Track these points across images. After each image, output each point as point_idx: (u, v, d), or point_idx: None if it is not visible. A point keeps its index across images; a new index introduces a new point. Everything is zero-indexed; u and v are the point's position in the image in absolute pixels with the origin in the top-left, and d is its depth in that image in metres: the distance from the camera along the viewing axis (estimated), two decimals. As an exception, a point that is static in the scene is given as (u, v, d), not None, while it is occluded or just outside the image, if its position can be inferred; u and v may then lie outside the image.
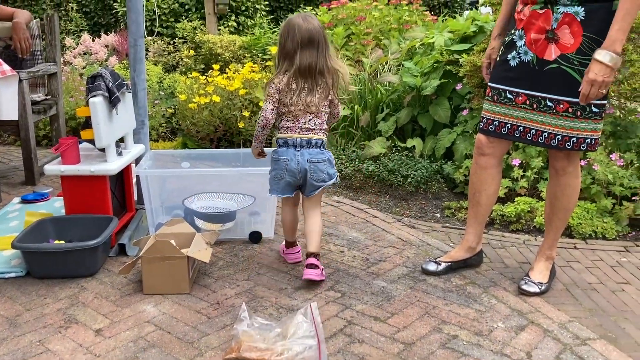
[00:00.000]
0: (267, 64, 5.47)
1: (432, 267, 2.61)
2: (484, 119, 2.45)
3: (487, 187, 2.51)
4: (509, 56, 2.33)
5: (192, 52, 6.30)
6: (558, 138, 2.28)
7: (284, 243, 2.76)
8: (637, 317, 2.31)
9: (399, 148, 4.08)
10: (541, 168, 3.41)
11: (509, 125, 2.37)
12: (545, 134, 2.30)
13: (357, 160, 4.02)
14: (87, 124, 2.76)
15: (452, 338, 2.12)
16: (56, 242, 2.67)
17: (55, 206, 3.36)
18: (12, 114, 3.59)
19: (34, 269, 2.52)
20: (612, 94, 3.38)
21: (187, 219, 2.90)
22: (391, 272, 2.63)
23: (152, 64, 6.22)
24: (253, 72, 4.92)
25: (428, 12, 6.57)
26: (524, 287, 2.45)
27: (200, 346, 2.04)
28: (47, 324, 2.18)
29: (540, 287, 2.45)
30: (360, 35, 5.46)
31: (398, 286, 2.50)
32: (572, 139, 2.26)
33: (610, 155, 3.23)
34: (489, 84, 2.44)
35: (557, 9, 2.17)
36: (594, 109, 2.21)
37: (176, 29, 6.92)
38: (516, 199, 3.32)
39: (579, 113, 2.22)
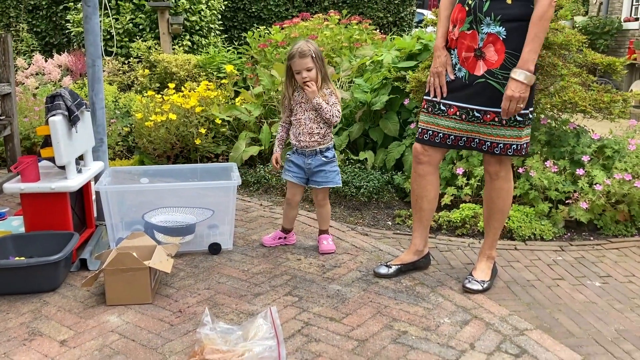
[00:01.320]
0: (222, 81, 5.59)
1: (383, 270, 2.77)
2: (420, 129, 2.63)
3: (427, 194, 2.69)
4: (446, 73, 2.55)
5: (147, 71, 6.36)
6: (487, 144, 2.50)
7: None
8: (569, 309, 2.53)
9: (352, 160, 4.25)
10: (483, 177, 3.63)
11: (441, 134, 2.56)
12: (476, 140, 2.51)
13: (311, 173, 4.17)
14: (46, 142, 2.82)
15: (402, 334, 2.27)
16: (17, 259, 2.71)
17: (13, 225, 3.38)
18: (-33, 135, 3.59)
19: (-4, 286, 2.55)
20: (547, 106, 3.65)
21: (148, 233, 2.99)
22: (346, 277, 2.78)
23: (107, 83, 6.25)
24: (209, 89, 5.03)
25: (378, 30, 6.83)
26: (468, 285, 2.63)
27: (164, 351, 2.13)
28: (10, 337, 2.23)
29: (482, 284, 2.64)
30: (312, 54, 5.64)
31: (352, 289, 2.65)
32: (499, 145, 2.47)
33: (546, 162, 3.48)
34: (425, 97, 2.64)
35: (482, 29, 2.40)
36: (518, 118, 2.44)
37: (131, 49, 6.98)
38: (461, 205, 3.53)
39: (504, 122, 2.44)
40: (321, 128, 2.95)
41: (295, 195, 3.08)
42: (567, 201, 3.46)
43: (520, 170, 3.55)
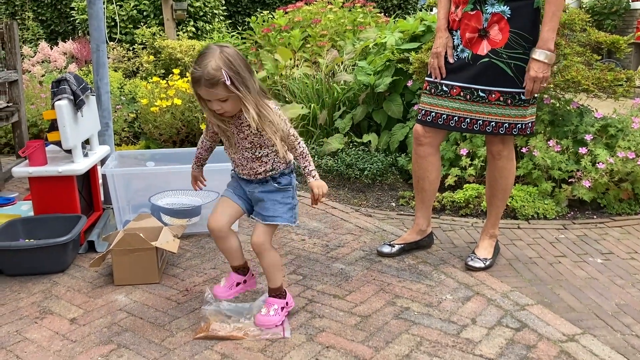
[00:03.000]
0: (226, 67, 5.60)
1: (386, 249, 2.80)
2: (422, 111, 2.61)
3: (428, 175, 2.69)
4: (447, 55, 2.52)
5: (151, 57, 6.39)
6: (492, 124, 2.49)
7: None
8: (570, 285, 2.55)
9: (355, 143, 4.28)
10: (487, 157, 3.65)
11: (444, 115, 2.54)
12: (480, 121, 2.49)
13: (316, 156, 4.21)
14: (53, 126, 2.86)
15: (405, 310, 2.31)
16: (26, 241, 2.76)
17: (22, 209, 3.43)
18: (-25, 121, 3.65)
19: (6, 267, 2.61)
20: (550, 86, 3.65)
21: (154, 215, 3.03)
22: (349, 256, 2.82)
23: (112, 70, 6.29)
24: (213, 75, 5.05)
25: (382, 13, 6.81)
26: (470, 262, 2.67)
27: (171, 328, 2.18)
28: (22, 315, 2.28)
29: (485, 262, 2.67)
30: (316, 37, 5.66)
31: (355, 267, 2.69)
32: (504, 125, 2.48)
33: (549, 142, 3.49)
34: (426, 78, 2.61)
35: (486, 9, 2.40)
36: (522, 97, 2.44)
37: (135, 35, 7.00)
38: (465, 186, 3.55)
39: (509, 101, 2.44)
40: (267, 162, 2.09)
41: (222, 217, 2.16)
42: (570, 180, 3.47)
43: (524, 149, 3.56)
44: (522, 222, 3.30)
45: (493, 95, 2.45)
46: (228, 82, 1.89)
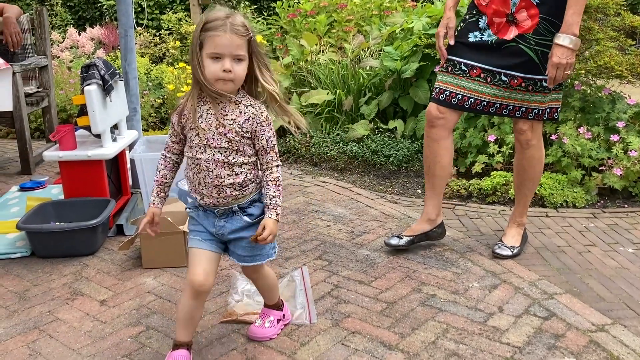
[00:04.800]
0: (252, 52, 5.60)
1: (394, 241, 2.66)
2: (437, 89, 2.51)
3: (440, 159, 2.57)
4: (470, 35, 2.44)
5: (178, 43, 6.42)
6: (509, 108, 2.45)
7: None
8: (600, 274, 2.51)
9: (381, 130, 4.25)
10: (514, 144, 3.59)
11: (459, 96, 2.45)
12: (497, 105, 2.44)
13: (341, 142, 4.20)
14: (82, 111, 2.90)
15: (431, 297, 2.30)
16: (57, 224, 2.81)
17: (53, 192, 3.50)
18: (6, 106, 3.71)
19: (38, 249, 2.66)
20: (581, 72, 3.57)
21: (181, 200, 3.06)
22: (374, 242, 2.81)
23: (139, 55, 6.34)
24: (239, 60, 5.05)
25: (408, -2, 6.72)
26: (497, 250, 2.64)
27: (198, 311, 2.20)
28: (54, 296, 2.33)
29: (512, 250, 2.64)
30: (342, 22, 5.61)
31: (381, 254, 2.68)
32: (521, 109, 2.45)
33: (579, 129, 3.42)
34: (447, 56, 2.51)
35: None
36: (544, 84, 2.39)
37: (161, 21, 7.03)
38: (492, 173, 3.51)
39: (530, 87, 2.40)
40: (239, 174, 1.73)
41: (208, 274, 1.76)
42: (600, 168, 3.40)
43: (553, 137, 3.50)
44: (550, 210, 3.25)
45: (515, 81, 2.39)
46: (252, 37, 1.66)
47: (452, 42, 2.49)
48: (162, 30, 6.90)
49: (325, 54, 5.01)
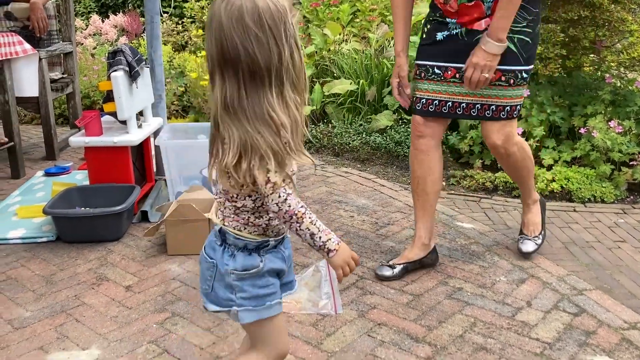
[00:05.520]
0: (274, 41, 5.57)
1: (387, 272, 2.35)
2: (414, 98, 2.33)
3: (431, 173, 2.36)
4: (438, 34, 2.22)
5: (200, 31, 6.41)
6: (492, 108, 2.21)
7: None
8: (631, 271, 2.46)
9: (405, 120, 4.20)
10: (543, 137, 3.54)
11: (436, 101, 2.26)
12: (478, 105, 2.22)
13: (364, 133, 4.16)
14: (108, 97, 2.90)
15: (457, 290, 2.27)
16: (83, 209, 2.82)
17: (77, 178, 3.52)
18: (32, 91, 3.74)
19: (64, 234, 2.68)
20: (612, 64, 3.50)
21: (206, 187, 3.06)
22: (399, 234, 2.79)
23: (161, 43, 6.34)
24: (262, 49, 5.02)
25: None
26: (522, 246, 2.53)
27: (223, 299, 2.20)
28: (80, 281, 2.34)
29: (536, 241, 2.54)
30: (365, 12, 5.56)
31: (406, 246, 2.65)
32: (506, 108, 2.21)
33: (609, 123, 3.35)
34: (417, 62, 2.30)
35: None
36: (524, 75, 2.18)
37: (184, 9, 7.03)
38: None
39: (512, 81, 2.17)
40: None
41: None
42: (631, 163, 3.33)
43: (582, 130, 3.43)
44: (577, 205, 3.19)
45: (494, 75, 2.13)
46: None
47: (407, 91, 2.33)
48: (185, 18, 6.90)
49: (349, 44, 4.96)
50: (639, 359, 1.86)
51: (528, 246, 2.53)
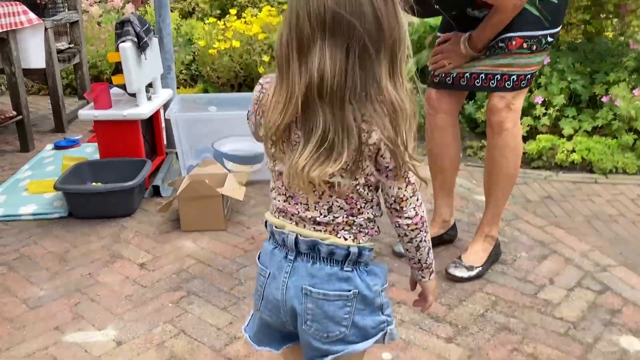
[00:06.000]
0: (283, 7, 5.44)
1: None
2: (431, 71, 2.17)
3: (448, 151, 2.24)
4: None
5: (208, -3, 6.26)
6: (497, 77, 2.01)
7: None
8: (656, 246, 2.40)
9: (419, 90, 4.10)
10: (563, 105, 3.43)
11: (454, 74, 2.08)
12: (482, 75, 2.02)
13: (378, 102, 4.07)
14: (117, 69, 2.82)
15: (478, 267, 2.22)
16: (93, 184, 2.78)
17: (87, 151, 3.47)
18: (39, 62, 3.66)
19: (76, 210, 2.64)
20: (637, 29, 3.36)
21: (217, 161, 3.01)
22: (416, 208, 2.72)
23: (169, 12, 6.21)
24: (271, 15, 4.90)
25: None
26: (450, 270, 2.15)
27: (239, 276, 2.16)
28: (94, 259, 2.31)
29: (470, 271, 2.14)
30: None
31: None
32: (512, 77, 1.99)
33: (633, 91, 3.24)
34: (439, 33, 2.16)
35: None
36: (549, 39, 1.97)
37: (191, -26, 6.85)
38: (538, 136, 3.36)
39: (534, 47, 1.96)
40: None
41: None
42: (654, 133, 3.23)
43: (604, 98, 3.32)
44: (599, 177, 3.11)
45: (514, 43, 1.94)
46: None
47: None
48: (192, -17, 6.74)
49: None
50: (667, 339, 1.81)
51: (457, 271, 2.14)
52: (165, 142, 3.34)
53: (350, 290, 1.05)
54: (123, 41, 2.70)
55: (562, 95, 3.42)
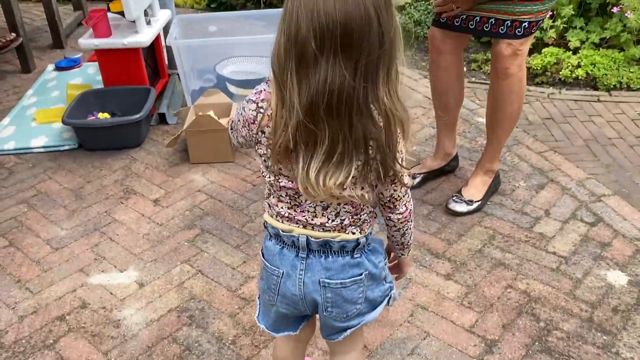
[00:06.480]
0: None
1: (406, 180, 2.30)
2: (437, 8, 2.10)
3: (452, 88, 2.24)
4: None
5: None
6: (507, 24, 1.95)
7: None
8: (651, 172, 2.47)
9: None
10: (571, 16, 3.35)
11: (463, 16, 2.03)
12: (492, 20, 1.97)
13: (381, 10, 3.95)
14: (114, -5, 2.75)
15: (477, 198, 2.31)
16: (99, 114, 2.81)
17: (89, 72, 3.45)
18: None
19: (86, 143, 2.70)
20: None
21: (220, 84, 3.01)
22: (419, 134, 2.77)
23: None
24: None
25: None
26: (450, 206, 2.23)
27: (249, 213, 2.27)
28: (108, 195, 2.41)
29: (469, 204, 2.22)
30: None
31: (425, 148, 2.65)
32: (523, 24, 1.94)
33: (645, 3, 3.15)
34: None
35: None
36: None
37: None
38: (543, 50, 3.31)
39: None
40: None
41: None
42: (662, 46, 3.18)
43: (615, 9, 3.23)
44: (602, 94, 3.11)
45: None
46: None
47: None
48: None
49: None
50: (651, 272, 1.94)
51: (456, 206, 2.23)
52: (166, 62, 3.31)
53: (362, 274, 1.15)
54: (118, -34, 2.60)
55: (571, 6, 3.32)
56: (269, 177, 1.09)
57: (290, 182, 1.06)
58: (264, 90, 1.03)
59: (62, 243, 2.14)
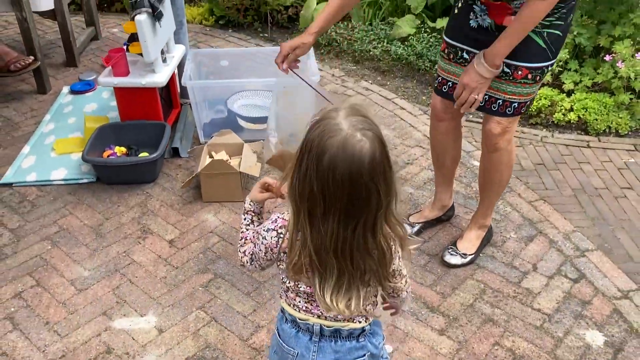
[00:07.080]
0: None
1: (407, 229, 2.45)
2: (439, 78, 2.25)
3: (450, 150, 2.41)
4: (471, 17, 2.06)
5: None
6: (499, 102, 2.08)
7: None
8: (633, 227, 2.65)
9: (427, 29, 4.11)
10: (566, 60, 3.51)
11: (450, 83, 2.18)
12: (486, 97, 2.09)
13: (385, 40, 4.09)
14: (133, 37, 2.88)
15: (470, 250, 2.49)
16: (116, 147, 2.96)
17: (104, 97, 3.59)
18: (48, 4, 3.67)
19: (104, 178, 2.86)
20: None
21: (230, 117, 3.17)
22: (417, 177, 2.94)
23: None
24: None
25: None
26: (446, 258, 2.41)
27: (259, 258, 2.44)
28: (127, 234, 2.57)
29: (464, 257, 2.41)
30: None
31: (424, 192, 2.82)
32: (513, 104, 2.08)
33: (636, 55, 3.31)
34: (446, 39, 2.17)
35: (515, 3, 1.93)
36: (549, 69, 2.06)
37: None
38: (539, 92, 3.47)
39: (537, 78, 2.04)
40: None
41: None
42: (651, 94, 3.35)
43: (607, 57, 3.40)
44: (592, 139, 3.28)
45: (520, 72, 2.01)
46: None
47: (293, 65, 2.15)
48: None
49: None
50: (626, 332, 2.13)
51: (452, 258, 2.41)
52: (179, 90, 3.45)
53: (365, 355, 1.38)
54: (139, 13, 2.73)
55: (566, 50, 3.48)
56: (289, 283, 1.31)
57: (308, 288, 1.29)
58: (281, 217, 1.28)
59: (86, 284, 2.31)
